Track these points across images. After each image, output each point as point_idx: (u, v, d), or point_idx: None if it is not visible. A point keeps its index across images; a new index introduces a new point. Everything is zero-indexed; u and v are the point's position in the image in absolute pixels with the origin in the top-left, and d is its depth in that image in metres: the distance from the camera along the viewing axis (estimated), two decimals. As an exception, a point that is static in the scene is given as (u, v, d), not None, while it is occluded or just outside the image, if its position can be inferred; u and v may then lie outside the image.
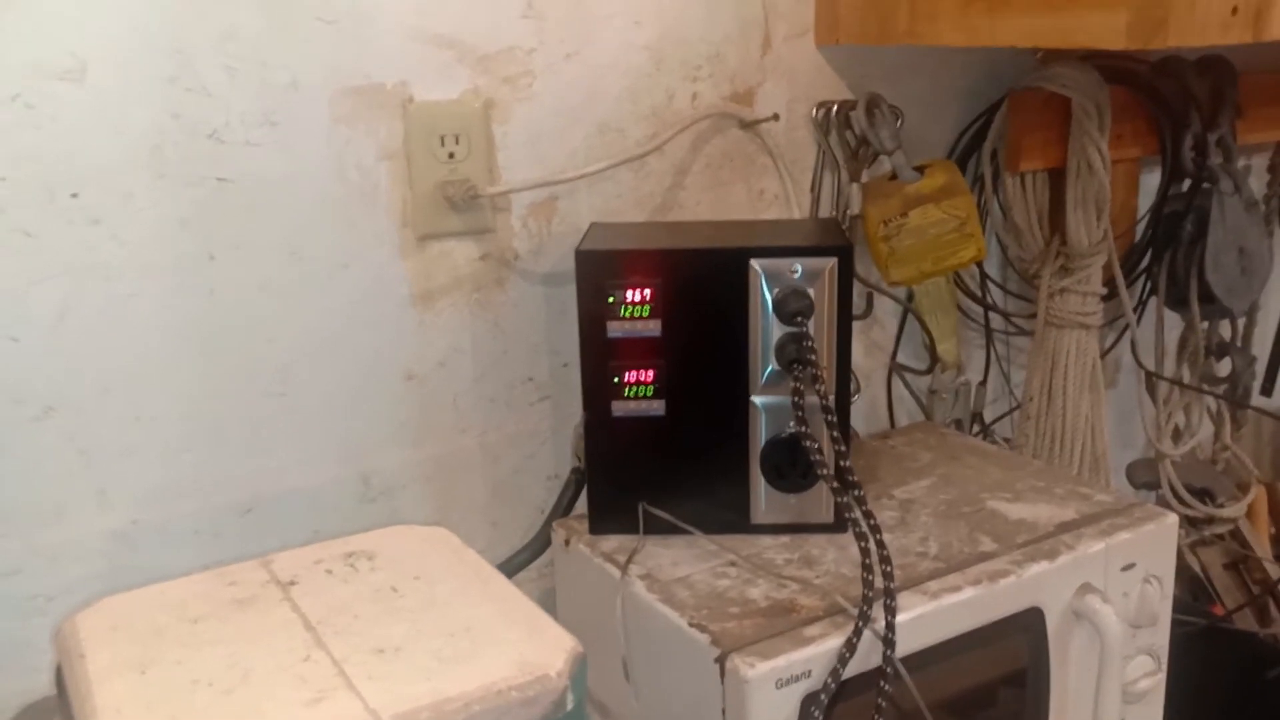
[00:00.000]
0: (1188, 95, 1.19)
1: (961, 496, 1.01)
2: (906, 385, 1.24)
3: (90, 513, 0.86)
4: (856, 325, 1.20)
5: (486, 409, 1.01)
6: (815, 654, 0.79)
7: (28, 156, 0.78)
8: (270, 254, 0.89)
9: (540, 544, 1.01)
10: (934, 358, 1.23)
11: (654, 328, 0.90)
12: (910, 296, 1.21)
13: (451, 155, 0.93)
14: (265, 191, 0.87)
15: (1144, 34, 0.81)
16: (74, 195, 0.80)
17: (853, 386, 1.16)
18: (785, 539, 0.94)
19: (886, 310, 1.21)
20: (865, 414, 1.22)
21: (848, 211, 1.12)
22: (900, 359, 1.23)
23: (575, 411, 0.99)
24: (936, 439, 1.15)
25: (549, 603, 1.01)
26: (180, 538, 0.88)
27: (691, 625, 0.82)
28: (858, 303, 1.18)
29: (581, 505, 0.98)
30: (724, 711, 0.79)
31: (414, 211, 0.93)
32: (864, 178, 1.13)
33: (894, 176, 1.10)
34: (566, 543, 0.97)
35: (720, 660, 0.79)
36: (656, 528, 0.93)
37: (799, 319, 0.89)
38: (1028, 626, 0.90)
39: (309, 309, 0.91)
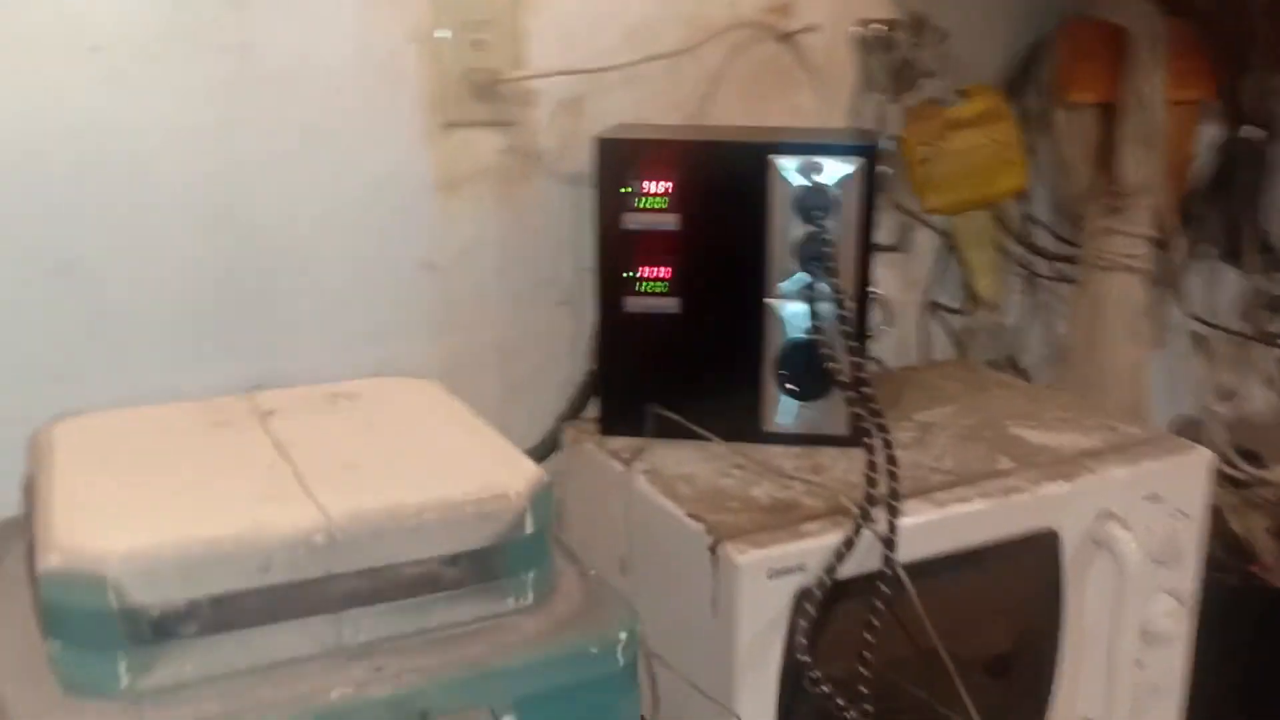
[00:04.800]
0: (1251, 36, 1.14)
1: (985, 422, 0.98)
2: (940, 323, 1.20)
3: (105, 375, 0.86)
4: (891, 259, 1.17)
5: (506, 307, 1.00)
6: (811, 548, 0.77)
7: (49, 6, 0.79)
8: (293, 129, 0.89)
9: (549, 445, 1.00)
10: (971, 296, 1.19)
11: (671, 221, 0.89)
12: (950, 231, 1.17)
13: (480, 43, 0.93)
14: (290, 64, 0.87)
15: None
16: (95, 49, 0.81)
17: (883, 318, 1.13)
18: (797, 449, 0.92)
19: (924, 244, 1.18)
20: (896, 351, 1.19)
21: (886, 134, 1.09)
22: (936, 296, 1.20)
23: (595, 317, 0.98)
24: (967, 373, 1.11)
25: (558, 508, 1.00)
26: (190, 406, 0.89)
27: (688, 515, 0.81)
28: (894, 235, 1.16)
29: (594, 411, 0.97)
30: (714, 600, 0.77)
31: (439, 97, 0.93)
32: (905, 100, 1.10)
33: (936, 100, 1.07)
34: (575, 442, 0.95)
35: (712, 548, 0.77)
36: (667, 431, 0.92)
37: (819, 218, 0.87)
38: (1042, 549, 0.87)
39: (331, 188, 0.91)
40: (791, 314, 0.90)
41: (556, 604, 0.57)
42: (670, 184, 0.88)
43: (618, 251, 0.90)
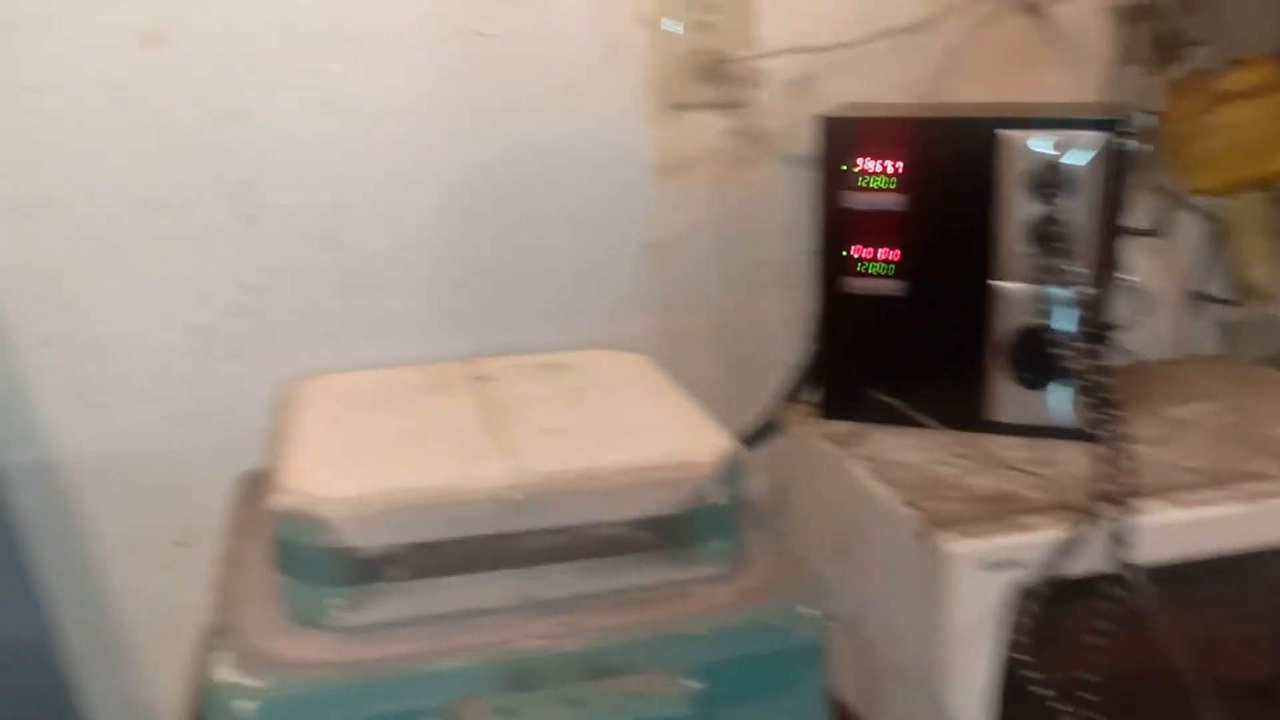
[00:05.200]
0: None
1: (1246, 422, 0.89)
2: (1205, 316, 1.11)
3: (358, 341, 0.93)
4: (1149, 244, 1.09)
5: (727, 288, 1.00)
6: (1031, 542, 0.73)
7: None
8: (527, 111, 0.93)
9: (769, 427, 0.99)
10: (1243, 287, 1.09)
11: (895, 201, 0.86)
12: (1219, 215, 1.08)
13: (709, 24, 0.94)
14: (526, 49, 0.91)
15: None
16: (352, 41, 0.87)
17: (1137, 307, 1.06)
18: (1024, 441, 0.87)
19: (1187, 230, 1.09)
20: (1153, 343, 1.10)
21: (1143, 109, 1.02)
22: (1201, 286, 1.10)
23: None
24: (1232, 370, 1.02)
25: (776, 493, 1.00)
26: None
27: (901, 502, 0.78)
28: (1152, 218, 1.07)
29: (816, 395, 0.96)
30: (926, 591, 0.75)
31: (665, 79, 0.94)
32: (1168, 73, 1.01)
33: (1203, 72, 0.99)
34: (794, 426, 0.95)
35: (925, 536, 0.74)
36: (886, 416, 0.89)
37: (1055, 197, 0.82)
38: (1306, 563, 0.78)
39: (559, 168, 0.94)
40: (1022, 298, 0.85)
41: (745, 575, 0.57)
42: (895, 162, 0.86)
43: (839, 232, 0.88)
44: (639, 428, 0.60)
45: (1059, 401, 0.86)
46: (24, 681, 0.81)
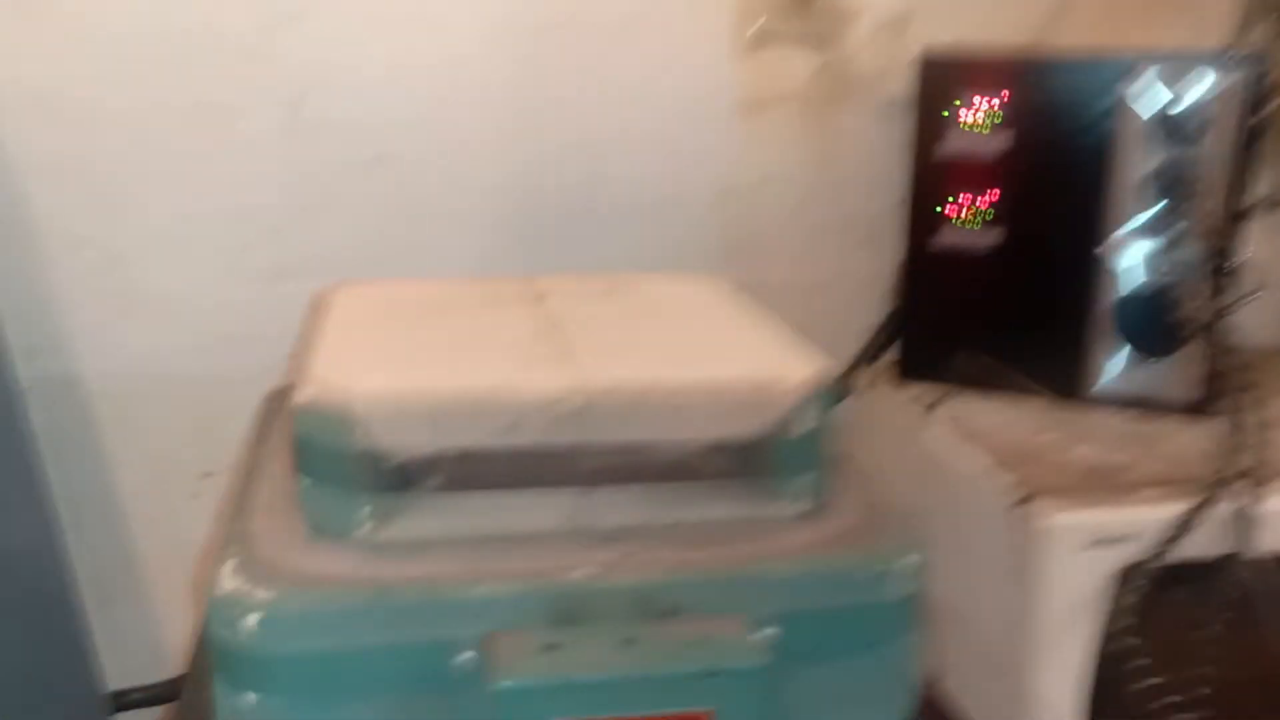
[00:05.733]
0: None
1: (1379, 408, 0.80)
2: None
3: (410, 265, 0.87)
4: (1268, 218, 0.99)
5: (805, 240, 0.93)
6: (1145, 517, 0.65)
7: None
8: (599, 37, 0.86)
9: (841, 391, 0.91)
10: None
11: (997, 150, 0.79)
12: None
13: (800, -50, 0.86)
14: (600, -33, 0.84)
15: None
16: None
17: (1251, 284, 0.97)
18: (1131, 414, 0.79)
19: (1312, 204, 0.99)
20: (1263, 327, 1.00)
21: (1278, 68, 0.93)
22: (1320, 269, 1.01)
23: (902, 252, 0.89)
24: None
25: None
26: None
27: (992, 471, 0.70)
28: (1274, 190, 0.98)
29: (891, 361, 0.88)
30: (1018, 568, 0.67)
31: (752, 8, 0.87)
32: (1302, 30, 0.92)
33: (1344, 28, 0.90)
34: (869, 388, 0.87)
35: (1021, 504, 0.66)
36: (974, 379, 0.81)
37: (1183, 141, 0.74)
38: None
39: (630, 101, 0.88)
40: (1137, 256, 0.77)
41: (830, 518, 0.50)
42: (999, 106, 0.78)
43: (932, 181, 0.81)
44: (716, 345, 0.53)
45: (1174, 371, 0.77)
46: (29, 601, 0.75)
